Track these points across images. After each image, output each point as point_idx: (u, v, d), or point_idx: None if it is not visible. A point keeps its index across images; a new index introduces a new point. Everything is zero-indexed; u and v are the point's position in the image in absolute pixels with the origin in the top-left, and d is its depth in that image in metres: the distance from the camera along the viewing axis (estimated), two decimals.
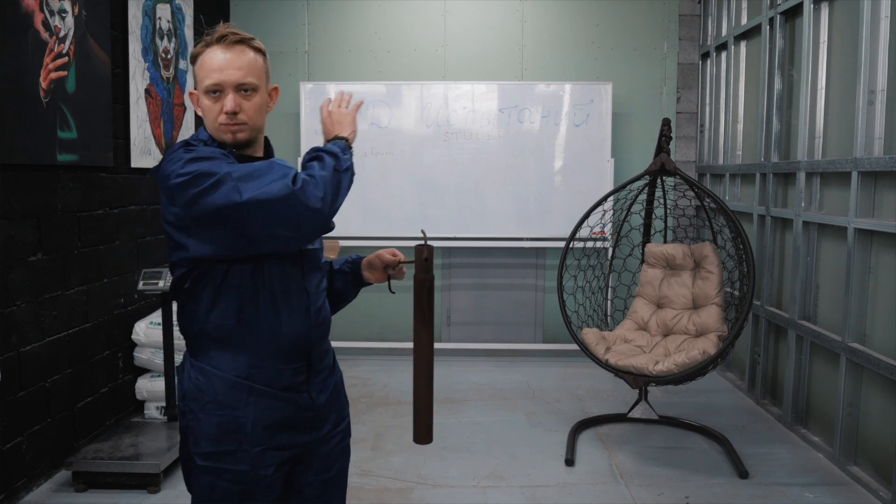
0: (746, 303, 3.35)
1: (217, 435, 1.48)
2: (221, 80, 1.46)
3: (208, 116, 1.50)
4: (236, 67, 1.47)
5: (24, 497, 2.89)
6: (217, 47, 1.48)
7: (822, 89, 3.52)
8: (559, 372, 4.77)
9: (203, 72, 1.48)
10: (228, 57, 1.47)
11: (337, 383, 1.68)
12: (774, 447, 3.46)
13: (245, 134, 1.50)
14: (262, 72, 1.53)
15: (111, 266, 3.56)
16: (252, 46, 1.51)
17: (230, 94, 1.47)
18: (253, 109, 1.50)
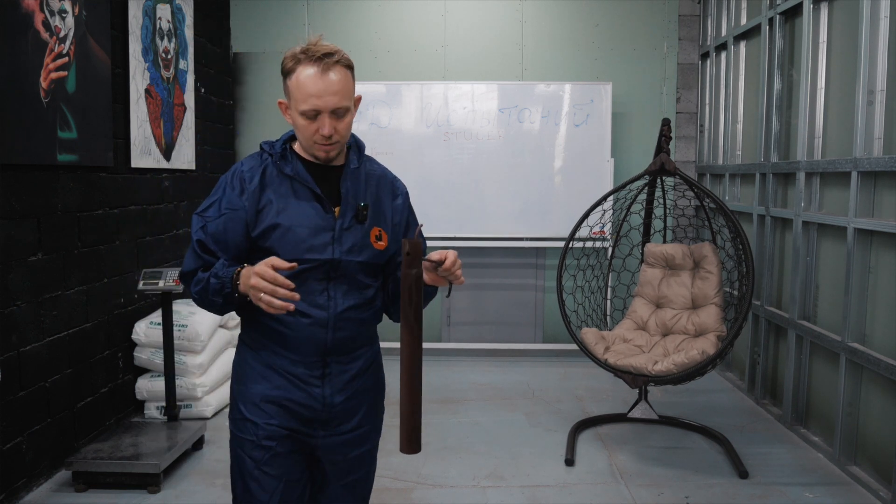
0: (746, 303, 3.35)
1: (237, 403, 1.67)
2: (319, 105, 1.52)
3: (302, 134, 1.58)
4: (333, 93, 1.52)
5: (24, 497, 2.89)
6: (313, 67, 1.52)
7: (821, 89, 3.52)
8: (559, 372, 4.77)
9: (299, 93, 1.53)
10: (326, 82, 1.52)
11: (368, 390, 1.71)
12: (774, 447, 3.46)
13: (336, 151, 1.59)
14: (353, 90, 1.58)
15: (111, 266, 3.56)
16: (345, 65, 1.56)
17: (326, 119, 1.53)
18: (345, 129, 1.58)
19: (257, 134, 5.29)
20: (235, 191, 1.60)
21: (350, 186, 1.62)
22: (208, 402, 3.80)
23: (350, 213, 1.61)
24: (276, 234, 1.58)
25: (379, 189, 1.69)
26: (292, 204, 1.59)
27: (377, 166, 1.74)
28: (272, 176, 1.61)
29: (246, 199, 1.59)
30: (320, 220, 1.59)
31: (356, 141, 1.70)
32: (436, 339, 5.21)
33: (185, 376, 3.72)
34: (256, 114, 5.29)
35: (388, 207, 1.69)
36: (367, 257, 1.63)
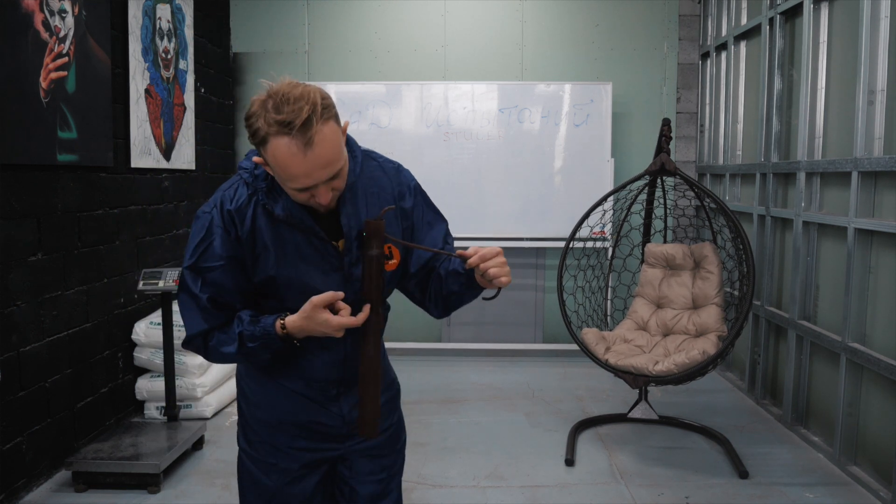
0: (746, 303, 3.35)
1: (251, 424, 1.62)
2: (310, 184, 1.31)
3: (296, 198, 1.37)
4: (323, 166, 1.29)
5: (24, 497, 2.89)
6: (291, 140, 1.26)
7: (821, 89, 3.52)
8: (559, 372, 4.77)
9: (284, 172, 1.30)
10: (313, 159, 1.28)
11: (385, 402, 1.63)
12: (774, 447, 3.46)
13: (334, 202, 1.39)
14: (339, 139, 1.33)
15: (111, 266, 3.56)
16: (326, 118, 1.29)
17: (321, 189, 1.33)
18: (342, 182, 1.37)
19: None
20: (231, 235, 1.40)
21: (350, 212, 1.43)
22: (208, 402, 3.80)
23: (356, 244, 1.44)
24: (278, 285, 1.43)
25: (381, 197, 1.50)
26: (290, 249, 1.41)
27: (375, 164, 1.53)
28: (263, 216, 1.41)
29: (242, 244, 1.41)
30: (325, 262, 1.43)
31: (352, 149, 1.48)
32: (436, 339, 5.21)
33: (185, 376, 3.72)
34: None
35: (395, 216, 1.51)
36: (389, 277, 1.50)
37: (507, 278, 1.38)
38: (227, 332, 1.44)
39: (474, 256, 1.37)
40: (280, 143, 1.26)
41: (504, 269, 1.38)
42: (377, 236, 1.39)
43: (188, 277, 1.43)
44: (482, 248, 1.38)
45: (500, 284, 1.38)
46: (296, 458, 1.58)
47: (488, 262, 1.37)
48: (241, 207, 1.41)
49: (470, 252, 1.39)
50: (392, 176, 1.54)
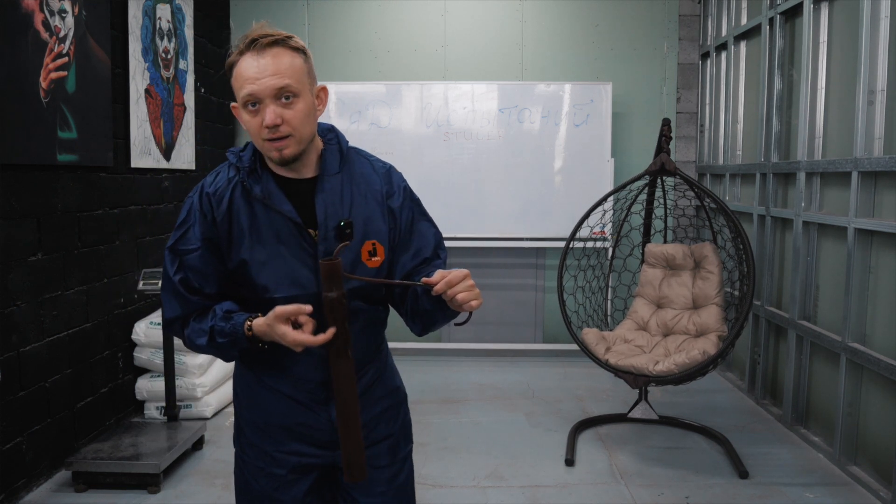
0: (746, 303, 3.35)
1: (243, 427, 1.57)
2: (256, 90, 1.32)
3: (251, 131, 1.38)
4: (271, 74, 1.31)
5: (24, 497, 2.89)
6: (249, 54, 1.33)
7: (821, 89, 3.52)
8: (559, 372, 4.77)
9: (237, 83, 1.35)
10: (262, 63, 1.32)
11: (379, 400, 1.57)
12: (774, 447, 3.46)
13: (291, 149, 1.36)
14: (303, 73, 1.36)
15: (111, 266, 3.56)
16: (288, 46, 1.35)
17: (269, 106, 1.32)
18: (297, 118, 1.34)
19: None
20: (207, 218, 1.42)
21: (326, 201, 1.41)
22: (208, 402, 3.80)
23: (331, 234, 1.40)
24: (251, 270, 1.40)
25: (368, 193, 1.46)
26: (264, 232, 1.40)
27: (366, 160, 1.52)
28: (241, 198, 1.41)
29: (218, 227, 1.41)
30: (300, 250, 1.39)
31: (338, 140, 1.48)
32: (436, 339, 5.21)
33: (185, 376, 3.72)
34: None
35: (381, 212, 1.46)
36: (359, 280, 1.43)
37: (478, 301, 1.32)
38: (201, 323, 1.42)
39: (440, 283, 1.31)
40: (240, 60, 1.34)
41: (472, 292, 1.32)
42: (334, 278, 1.30)
43: (167, 259, 1.45)
44: (449, 271, 1.32)
45: (470, 308, 1.33)
46: (284, 462, 1.53)
47: (455, 287, 1.31)
48: (219, 190, 1.43)
49: (436, 278, 1.32)
50: (382, 175, 1.51)
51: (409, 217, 1.51)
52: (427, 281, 1.33)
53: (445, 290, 1.31)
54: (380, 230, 1.46)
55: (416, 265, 1.51)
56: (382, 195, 1.48)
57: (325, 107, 1.43)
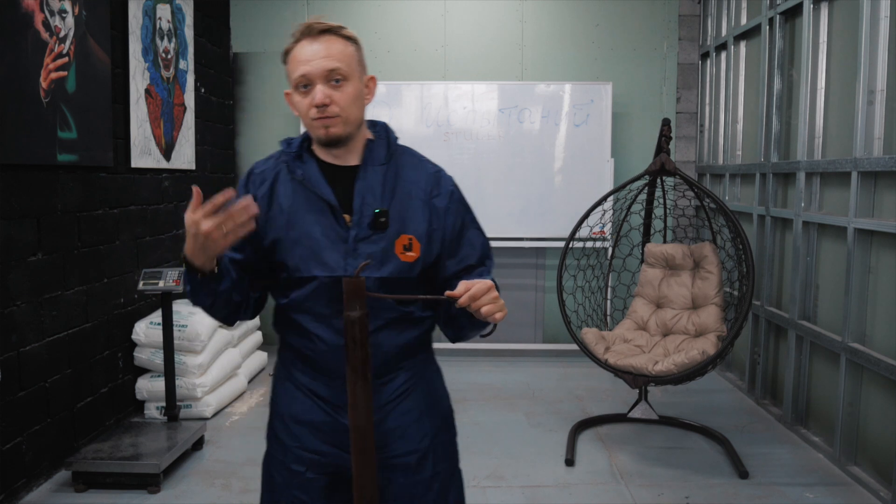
0: (746, 303, 3.35)
1: (271, 419, 1.58)
2: (308, 71, 1.38)
3: (301, 112, 1.43)
4: (323, 56, 1.38)
5: (23, 497, 2.89)
6: (304, 40, 1.41)
7: (821, 89, 3.52)
8: (559, 372, 4.77)
9: (291, 66, 1.42)
10: (315, 47, 1.39)
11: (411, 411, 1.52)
12: (774, 447, 3.46)
13: (338, 129, 1.41)
14: (354, 60, 1.42)
15: (111, 266, 3.56)
16: (341, 35, 1.42)
17: (319, 86, 1.39)
18: (345, 100, 1.40)
19: (257, 134, 5.29)
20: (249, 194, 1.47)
21: (365, 188, 1.43)
22: (208, 402, 3.80)
23: (366, 221, 1.42)
24: (282, 249, 1.43)
25: (411, 188, 1.47)
26: (301, 213, 1.43)
27: (415, 160, 1.52)
28: (284, 180, 1.47)
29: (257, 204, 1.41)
30: (331, 231, 1.42)
31: (387, 133, 1.51)
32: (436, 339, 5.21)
33: (185, 376, 3.72)
34: (256, 114, 5.28)
35: (423, 209, 1.46)
36: (390, 272, 1.42)
37: (502, 313, 1.33)
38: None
39: (464, 297, 1.30)
40: (295, 46, 1.41)
41: (497, 304, 1.32)
42: (358, 295, 1.28)
43: None
44: (474, 282, 1.31)
45: (495, 321, 1.33)
46: (303, 459, 1.51)
47: (479, 300, 1.30)
48: (264, 171, 1.51)
49: (460, 290, 1.30)
50: (430, 175, 1.51)
51: (456, 222, 1.51)
52: (451, 294, 1.31)
53: (469, 304, 1.31)
54: (418, 226, 1.46)
55: (459, 271, 1.51)
56: (427, 193, 1.48)
57: (373, 96, 1.48)
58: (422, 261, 1.46)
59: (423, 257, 1.46)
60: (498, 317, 1.33)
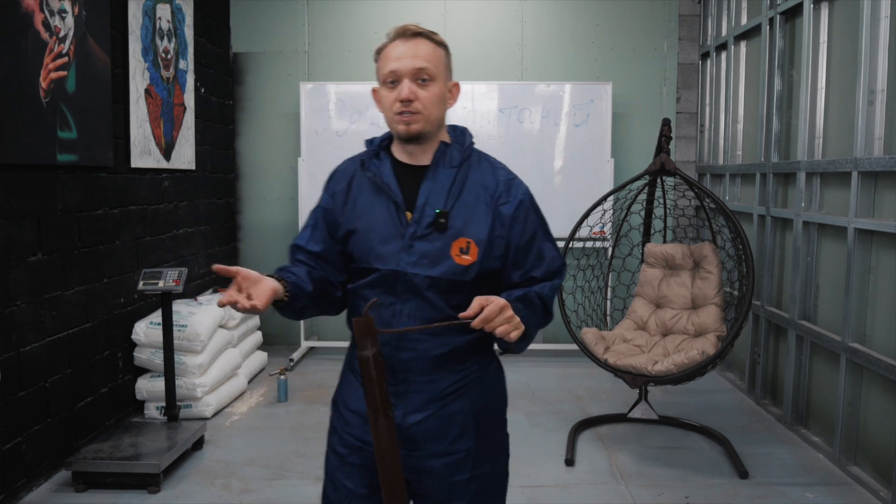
0: (746, 303, 3.35)
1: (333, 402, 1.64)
2: (398, 67, 1.45)
3: (385, 106, 1.48)
4: (412, 56, 1.45)
5: (24, 497, 2.89)
6: (398, 40, 1.48)
7: (822, 89, 3.52)
8: (559, 372, 4.77)
9: (382, 63, 1.48)
10: (407, 47, 1.46)
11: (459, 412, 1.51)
12: (774, 447, 3.46)
13: (419, 125, 1.45)
14: (441, 63, 1.49)
15: (111, 266, 3.56)
16: (432, 39, 1.49)
17: (405, 82, 1.44)
18: (429, 99, 1.45)
19: (257, 134, 5.29)
20: (330, 190, 1.58)
21: (431, 188, 1.47)
22: (208, 402, 3.80)
23: (426, 220, 1.45)
24: (352, 240, 1.50)
25: (479, 193, 1.48)
26: (369, 207, 1.50)
27: (490, 166, 1.54)
28: (361, 177, 1.54)
29: (333, 200, 1.56)
30: (392, 226, 1.46)
31: (464, 140, 1.54)
32: None
33: (185, 376, 3.72)
34: (256, 114, 5.29)
35: (487, 215, 1.47)
36: (442, 272, 1.44)
37: (517, 332, 1.35)
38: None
39: (477, 320, 1.30)
40: (388, 45, 1.49)
41: (511, 323, 1.33)
42: (369, 334, 1.32)
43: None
44: (488, 299, 1.31)
45: (510, 340, 1.35)
46: (347, 442, 1.55)
47: (492, 322, 1.31)
48: (345, 168, 1.60)
49: (475, 308, 1.31)
50: (502, 182, 1.52)
51: (525, 232, 1.51)
52: (465, 316, 1.32)
53: (483, 326, 1.32)
54: (479, 232, 1.47)
55: (524, 281, 1.51)
56: (495, 200, 1.49)
57: (455, 101, 1.54)
58: (478, 265, 1.46)
59: (479, 262, 1.46)
60: (513, 336, 1.34)
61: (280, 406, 4.07)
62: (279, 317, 1.59)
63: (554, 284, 1.53)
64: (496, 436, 1.59)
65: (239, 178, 5.36)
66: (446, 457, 1.51)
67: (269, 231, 5.34)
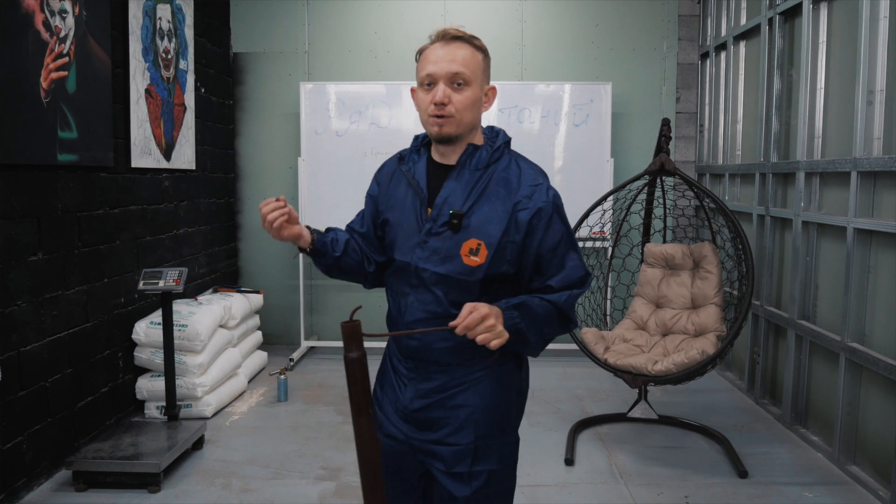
0: (745, 302, 3.35)
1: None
2: (434, 70, 1.48)
3: (421, 108, 1.54)
4: (449, 60, 1.48)
5: (24, 497, 2.90)
6: (438, 43, 1.51)
7: (821, 89, 3.53)
8: (559, 372, 4.77)
9: (421, 65, 1.53)
10: (446, 51, 1.49)
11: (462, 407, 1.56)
12: (774, 447, 3.46)
13: (451, 128, 1.49)
14: (478, 68, 1.52)
15: (111, 266, 3.57)
16: (472, 44, 1.52)
17: (441, 85, 1.48)
18: (462, 103, 1.49)
19: (257, 134, 5.29)
20: (376, 180, 1.69)
21: (452, 187, 1.51)
22: (208, 401, 3.80)
23: (442, 218, 1.50)
24: (387, 228, 1.61)
25: (500, 196, 1.50)
26: (402, 200, 1.59)
27: (518, 170, 1.54)
28: (400, 171, 1.63)
29: (379, 190, 1.66)
30: (414, 221, 1.54)
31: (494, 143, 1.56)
32: None
33: (185, 376, 3.72)
34: (256, 114, 5.29)
35: (503, 219, 1.48)
36: (449, 270, 1.49)
37: (499, 340, 1.39)
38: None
39: (459, 327, 1.36)
40: (429, 47, 1.53)
41: (493, 332, 1.37)
42: (355, 338, 1.40)
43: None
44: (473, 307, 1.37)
45: (493, 348, 1.39)
46: (384, 425, 1.64)
47: (473, 331, 1.36)
48: (391, 161, 1.69)
49: (463, 314, 1.36)
50: (527, 186, 1.51)
51: (546, 241, 1.51)
52: (452, 324, 1.38)
53: (465, 333, 1.37)
54: (492, 234, 1.49)
55: (542, 288, 1.54)
56: (513, 205, 1.50)
57: (491, 104, 1.58)
58: (485, 268, 1.49)
59: (487, 265, 1.49)
60: (493, 345, 1.38)
61: (280, 406, 4.08)
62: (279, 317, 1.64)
63: (573, 294, 1.53)
64: (502, 438, 1.60)
65: (239, 178, 5.36)
66: (447, 446, 1.56)
67: None
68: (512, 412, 1.63)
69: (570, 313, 1.55)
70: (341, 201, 4.82)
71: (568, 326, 1.57)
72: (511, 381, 1.62)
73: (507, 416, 1.61)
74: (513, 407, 1.63)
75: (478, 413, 1.56)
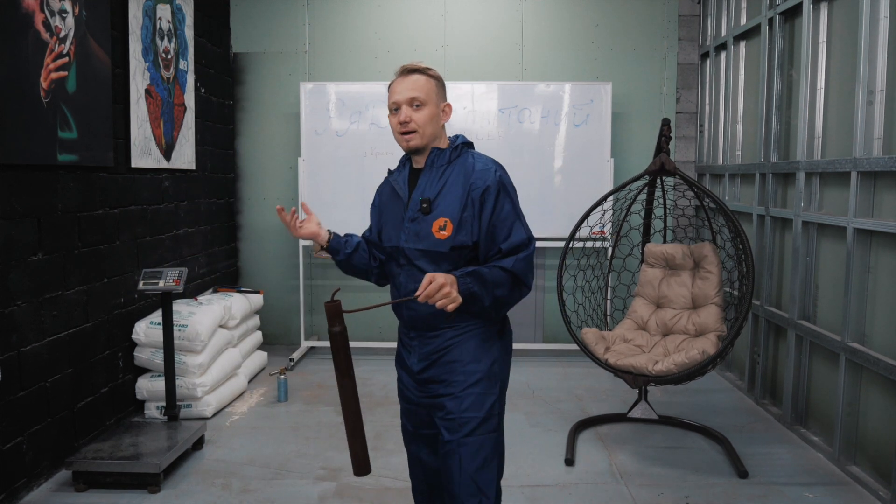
0: (746, 303, 3.35)
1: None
2: (398, 98, 1.92)
3: (393, 128, 1.95)
4: (409, 88, 1.91)
5: (24, 497, 2.90)
6: (399, 77, 1.96)
7: (821, 89, 3.52)
8: (559, 372, 4.77)
9: (389, 96, 1.95)
10: (405, 83, 1.93)
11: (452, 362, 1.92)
12: (774, 447, 3.46)
13: (417, 141, 1.91)
14: (432, 91, 1.93)
15: (111, 266, 3.57)
16: (426, 73, 1.95)
17: (404, 108, 1.91)
18: (422, 119, 1.90)
19: (257, 134, 5.29)
20: (377, 193, 2.09)
21: (423, 183, 1.92)
22: (208, 401, 3.80)
23: (415, 206, 1.91)
24: (383, 227, 2.03)
25: (458, 183, 1.89)
26: (390, 205, 2.01)
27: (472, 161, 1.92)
28: (388, 182, 2.05)
29: (380, 197, 2.08)
30: (399, 214, 1.96)
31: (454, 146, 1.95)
32: None
33: (185, 376, 3.72)
34: (256, 114, 5.29)
35: (460, 200, 1.87)
36: (426, 245, 1.88)
37: (453, 304, 1.72)
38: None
39: (421, 296, 1.70)
40: (395, 81, 1.97)
41: (448, 297, 1.71)
42: (336, 315, 1.74)
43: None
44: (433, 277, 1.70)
45: (448, 311, 1.74)
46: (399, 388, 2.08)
47: (433, 298, 1.70)
48: (391, 174, 2.07)
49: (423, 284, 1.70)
50: (475, 172, 1.90)
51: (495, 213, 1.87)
52: (416, 295, 1.72)
53: (426, 301, 1.71)
54: (453, 212, 1.88)
55: (493, 255, 1.88)
56: (467, 187, 1.88)
57: (448, 118, 1.98)
58: (451, 239, 1.87)
59: (452, 236, 1.87)
60: (449, 308, 1.72)
61: (280, 406, 4.07)
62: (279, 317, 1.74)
63: (519, 257, 1.87)
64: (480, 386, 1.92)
65: (239, 178, 5.36)
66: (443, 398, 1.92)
67: (269, 231, 5.34)
68: (496, 367, 1.95)
69: (523, 276, 1.86)
70: (341, 201, 4.82)
71: (521, 290, 1.88)
72: (493, 339, 1.96)
73: (487, 370, 1.93)
74: (497, 362, 1.96)
75: (464, 366, 1.91)
